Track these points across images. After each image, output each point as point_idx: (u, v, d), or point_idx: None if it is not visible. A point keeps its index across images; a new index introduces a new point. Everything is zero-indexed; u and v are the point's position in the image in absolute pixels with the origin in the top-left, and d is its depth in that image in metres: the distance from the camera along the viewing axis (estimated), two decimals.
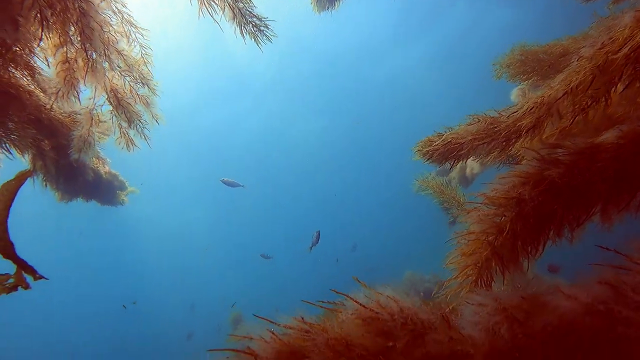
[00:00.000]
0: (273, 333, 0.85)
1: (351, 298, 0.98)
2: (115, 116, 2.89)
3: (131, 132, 2.96)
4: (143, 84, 2.83)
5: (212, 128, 21.66)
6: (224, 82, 19.48)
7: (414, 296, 1.02)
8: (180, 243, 27.30)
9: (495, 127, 2.08)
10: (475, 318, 1.11)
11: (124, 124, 2.92)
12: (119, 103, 2.80)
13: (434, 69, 19.54)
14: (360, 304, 0.96)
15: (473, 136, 2.17)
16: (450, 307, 1.10)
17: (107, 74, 2.55)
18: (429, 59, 18.99)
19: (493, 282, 1.69)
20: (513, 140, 2.01)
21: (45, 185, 3.97)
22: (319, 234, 8.39)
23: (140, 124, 2.93)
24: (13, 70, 2.52)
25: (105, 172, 4.77)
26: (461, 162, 2.51)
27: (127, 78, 2.77)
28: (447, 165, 3.16)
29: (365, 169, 25.62)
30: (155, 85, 2.87)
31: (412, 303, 0.99)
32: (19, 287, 1.85)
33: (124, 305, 15.24)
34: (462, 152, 2.27)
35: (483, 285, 1.67)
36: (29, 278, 1.83)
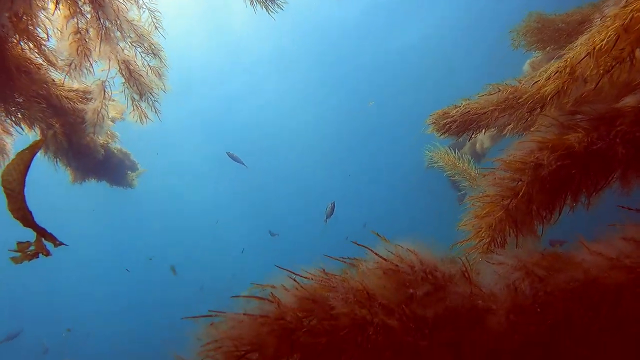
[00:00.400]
0: (295, 281, 0.86)
1: (371, 250, 0.98)
2: (127, 88, 2.89)
3: (143, 105, 2.96)
4: (154, 54, 2.81)
5: (217, 106, 21.49)
6: (230, 61, 19.28)
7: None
8: (188, 223, 27.51)
9: (518, 97, 2.03)
10: (495, 276, 1.11)
11: (136, 97, 2.93)
12: (130, 75, 2.80)
13: (445, 44, 19.09)
14: (381, 257, 0.97)
15: (494, 106, 2.12)
16: (469, 265, 1.10)
17: (119, 43, 2.55)
18: (438, 34, 18.54)
19: (506, 246, 1.69)
20: (538, 110, 1.96)
21: (56, 161, 4.01)
22: (334, 205, 8.34)
23: (151, 96, 2.94)
24: (22, 43, 2.52)
25: (117, 150, 4.79)
26: (477, 134, 2.46)
27: (139, 49, 2.76)
28: (460, 140, 3.12)
29: (375, 148, 25.31)
30: (165, 57, 2.86)
31: (432, 256, 0.99)
32: (40, 254, 1.88)
33: (127, 269, 15.43)
34: (482, 123, 2.22)
35: (496, 248, 1.67)
36: (49, 245, 1.87)
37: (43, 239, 1.85)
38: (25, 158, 1.77)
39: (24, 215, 1.79)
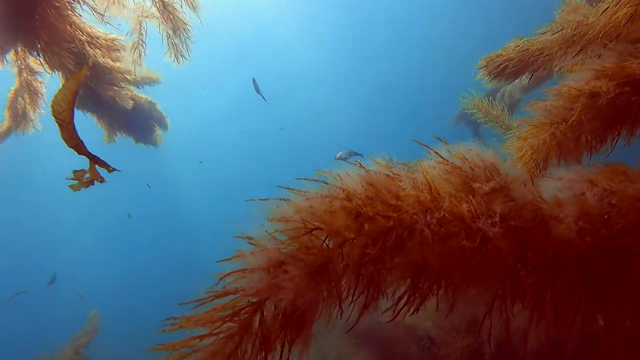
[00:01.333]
0: (362, 167, 0.85)
1: (432, 149, 0.95)
2: (162, 23, 2.84)
3: (177, 41, 2.92)
4: None
5: (238, 45, 20.88)
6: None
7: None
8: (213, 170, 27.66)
9: (583, 32, 1.89)
10: (555, 190, 1.08)
11: (170, 32, 2.88)
12: (164, 8, 2.75)
13: None
14: (441, 156, 0.94)
15: (558, 46, 1.98)
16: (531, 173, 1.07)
17: None
18: None
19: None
20: (613, 42, 1.83)
21: (84, 112, 4.02)
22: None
23: (184, 32, 2.89)
24: None
25: (143, 98, 4.70)
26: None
27: None
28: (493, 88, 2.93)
29: (402, 99, 24.25)
30: None
31: (493, 155, 0.96)
32: (95, 181, 1.94)
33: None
34: (542, 65, 2.07)
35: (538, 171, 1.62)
36: (102, 171, 1.91)
37: (97, 166, 1.90)
38: (72, 88, 1.78)
39: (77, 144, 1.83)
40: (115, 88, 3.90)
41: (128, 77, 4.07)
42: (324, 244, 0.75)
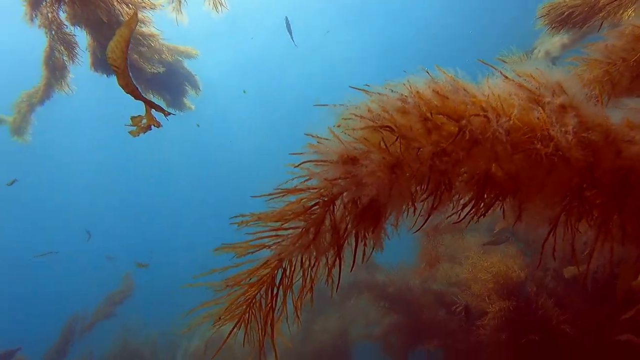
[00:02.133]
0: (429, 74, 0.83)
1: (496, 68, 0.92)
2: None
3: None
4: None
5: None
6: None
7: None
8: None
9: None
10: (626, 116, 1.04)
11: None
12: None
13: None
14: (505, 75, 0.91)
15: None
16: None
17: None
18: None
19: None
20: None
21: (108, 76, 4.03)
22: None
23: None
24: None
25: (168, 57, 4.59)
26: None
27: None
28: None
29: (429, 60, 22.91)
30: None
31: (561, 75, 0.92)
32: (152, 126, 1.99)
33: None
34: (613, 10, 1.93)
35: None
36: (159, 116, 1.96)
37: (153, 110, 1.94)
38: (125, 35, 1.81)
39: (133, 90, 1.87)
40: (143, 49, 3.91)
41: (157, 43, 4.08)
42: (397, 142, 0.75)
